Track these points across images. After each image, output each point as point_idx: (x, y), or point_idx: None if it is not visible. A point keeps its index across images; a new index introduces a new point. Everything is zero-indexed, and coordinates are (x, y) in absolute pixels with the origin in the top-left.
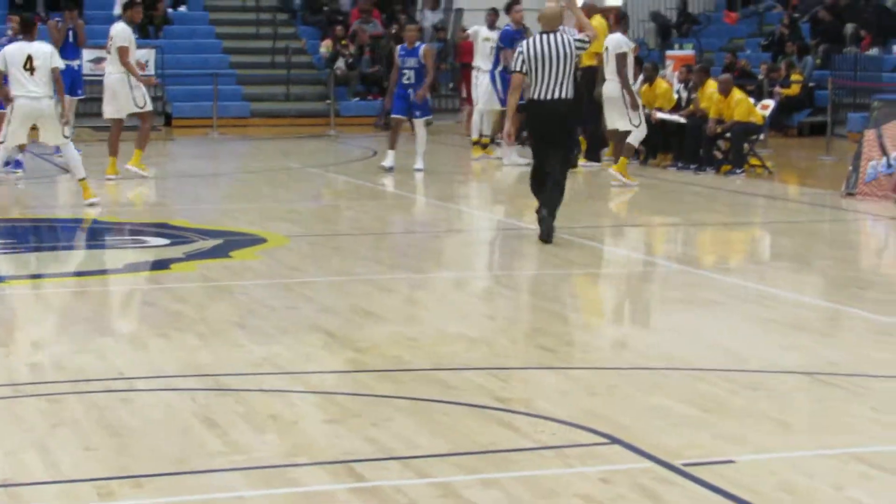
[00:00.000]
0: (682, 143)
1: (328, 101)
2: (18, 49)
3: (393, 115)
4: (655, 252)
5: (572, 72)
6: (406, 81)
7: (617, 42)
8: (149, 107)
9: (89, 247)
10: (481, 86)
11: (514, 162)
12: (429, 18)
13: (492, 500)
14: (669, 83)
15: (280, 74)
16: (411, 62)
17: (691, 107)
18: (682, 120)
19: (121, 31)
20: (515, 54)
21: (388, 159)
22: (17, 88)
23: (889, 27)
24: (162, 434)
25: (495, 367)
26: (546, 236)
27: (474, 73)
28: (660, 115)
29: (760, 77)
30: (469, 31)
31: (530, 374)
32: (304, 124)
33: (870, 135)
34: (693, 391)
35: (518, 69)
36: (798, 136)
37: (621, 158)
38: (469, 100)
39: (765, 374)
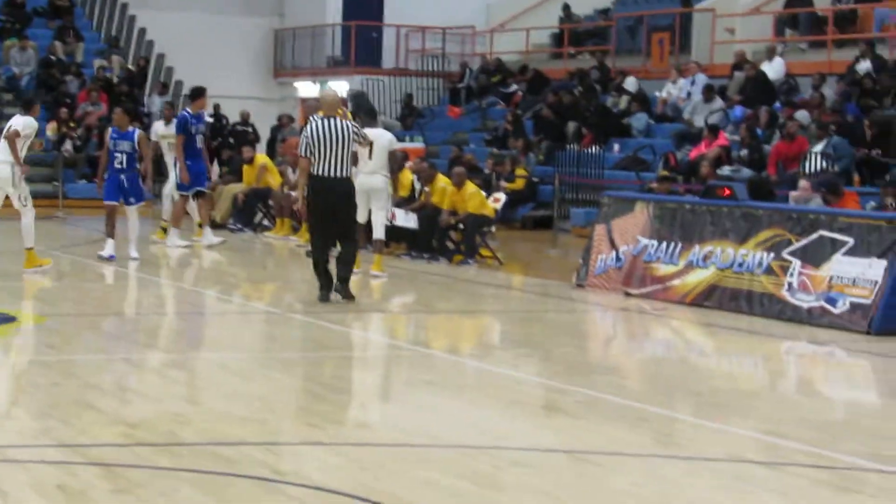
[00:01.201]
0: (415, 233)
1: (55, 183)
2: None
3: (106, 202)
4: (402, 336)
5: (350, 153)
6: (118, 165)
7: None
8: None
9: None
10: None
11: (176, 244)
12: (157, 103)
13: None
14: (412, 174)
15: None
16: (124, 146)
17: (422, 198)
18: (414, 225)
19: None
20: (301, 138)
21: (108, 248)
22: None
23: (609, 126)
24: None
25: (269, 442)
26: (345, 294)
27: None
28: (397, 216)
29: (487, 171)
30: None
31: (303, 449)
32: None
33: (599, 229)
34: (462, 466)
35: (302, 153)
36: (522, 229)
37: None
38: None
39: (527, 451)
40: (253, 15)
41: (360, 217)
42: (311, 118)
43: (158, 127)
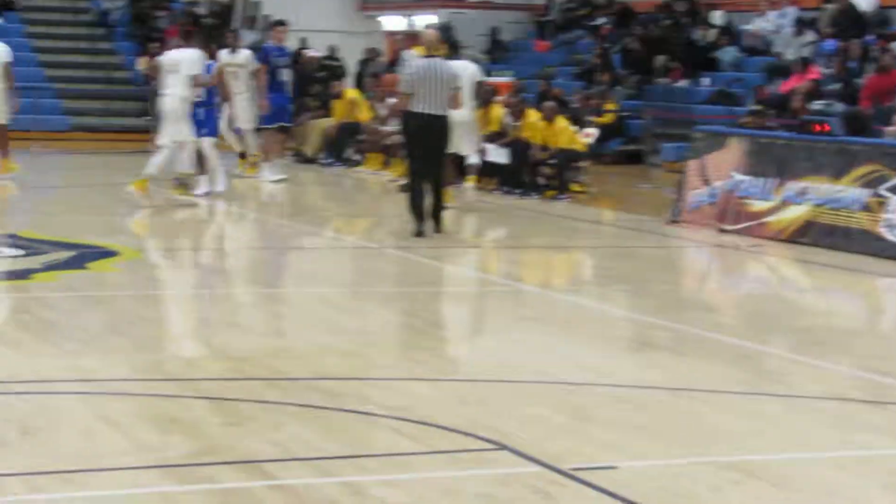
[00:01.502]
0: (506, 168)
1: (148, 118)
2: None
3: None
4: (495, 272)
5: (448, 93)
6: (196, 99)
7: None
8: None
9: None
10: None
11: (270, 178)
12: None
13: (399, 500)
14: (503, 109)
15: (99, 89)
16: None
17: (512, 133)
18: (505, 160)
19: None
20: (404, 75)
21: (202, 185)
22: None
23: (697, 60)
24: (69, 433)
25: (372, 376)
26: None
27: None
28: (489, 151)
29: (575, 105)
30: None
31: (408, 384)
32: (123, 139)
33: (693, 164)
34: (565, 402)
35: (405, 89)
36: (611, 164)
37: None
38: None
39: (630, 388)
40: None
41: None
42: (406, 56)
43: (223, 55)
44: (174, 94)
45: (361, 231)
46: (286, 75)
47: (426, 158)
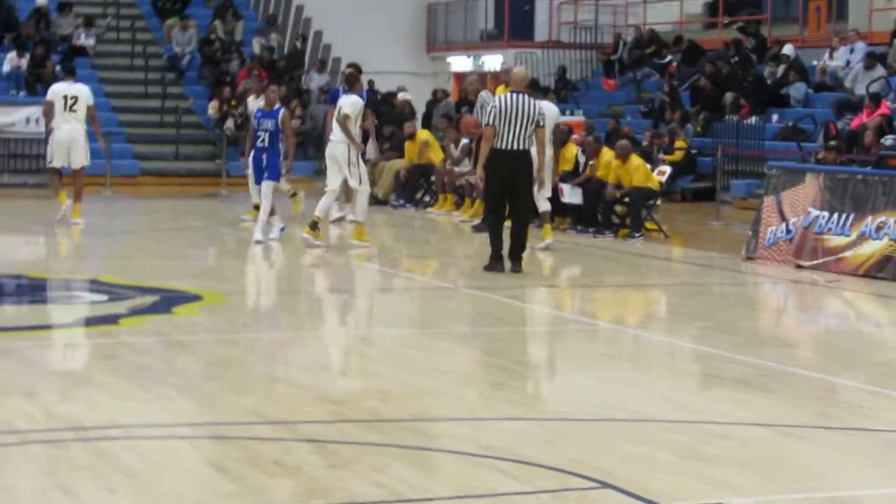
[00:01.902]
0: (580, 207)
1: (218, 161)
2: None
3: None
4: (575, 310)
5: (531, 130)
6: (260, 144)
7: (556, 111)
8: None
9: (32, 302)
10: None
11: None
12: (315, 80)
13: None
14: (577, 148)
15: (169, 133)
16: (267, 124)
17: (587, 172)
18: (579, 200)
19: None
20: (488, 108)
21: (274, 228)
22: None
23: (766, 96)
24: (176, 478)
25: (470, 417)
26: (517, 267)
27: None
28: (564, 192)
29: (644, 143)
30: None
31: (504, 423)
32: (193, 183)
33: (769, 201)
34: (664, 440)
35: (489, 122)
36: (682, 202)
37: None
38: None
39: (725, 425)
40: None
41: None
42: (484, 97)
43: (251, 102)
44: (339, 140)
45: (436, 271)
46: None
47: (509, 195)
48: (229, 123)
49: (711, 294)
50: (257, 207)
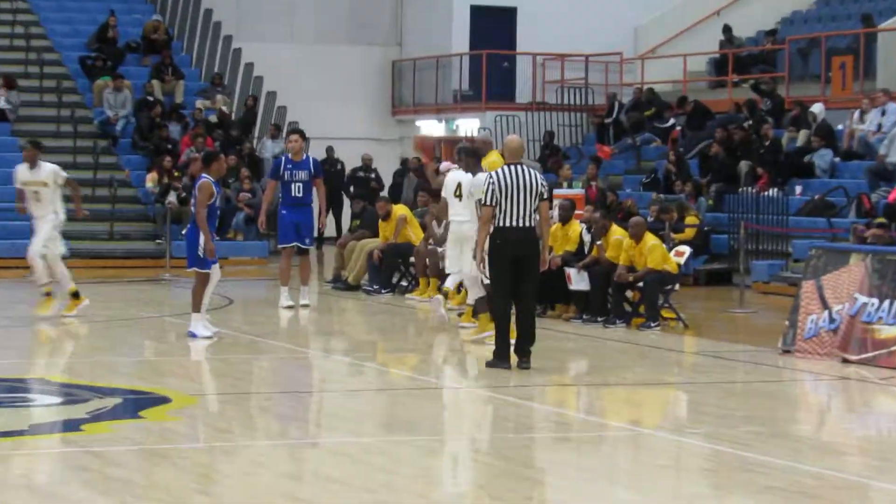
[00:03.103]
0: (587, 294)
1: (160, 241)
2: None
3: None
4: (606, 413)
5: (535, 204)
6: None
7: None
8: None
9: None
10: None
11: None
12: (269, 149)
13: None
14: (581, 225)
15: (103, 209)
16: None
17: (594, 252)
18: (587, 286)
19: None
20: (485, 186)
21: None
22: None
23: (788, 165)
24: None
25: None
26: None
27: None
28: (571, 278)
29: (650, 219)
30: None
31: None
32: (131, 266)
33: (808, 286)
34: None
35: (487, 202)
36: (695, 285)
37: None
38: None
39: None
40: (369, 45)
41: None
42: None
43: (21, 171)
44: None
45: (429, 368)
46: (299, 191)
47: (514, 275)
48: (171, 197)
49: (751, 394)
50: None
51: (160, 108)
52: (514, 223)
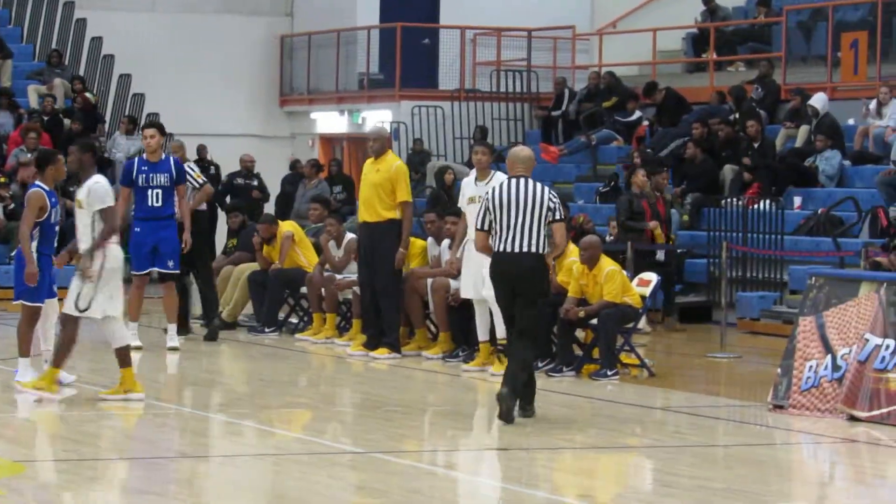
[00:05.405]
0: None
1: None
2: None
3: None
4: (555, 486)
5: (543, 225)
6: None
7: None
8: None
9: None
10: None
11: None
12: (122, 147)
13: None
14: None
15: None
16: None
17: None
18: None
19: None
20: (479, 207)
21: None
22: None
23: (784, 171)
24: None
25: None
26: (507, 416)
27: None
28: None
29: (609, 238)
30: None
31: None
32: None
33: (807, 324)
34: None
35: (480, 226)
36: (663, 321)
37: None
38: None
39: None
40: (251, 15)
41: None
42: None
43: None
44: None
45: (325, 427)
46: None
47: (512, 309)
48: None
49: (733, 460)
50: None
51: None
52: (505, 248)
